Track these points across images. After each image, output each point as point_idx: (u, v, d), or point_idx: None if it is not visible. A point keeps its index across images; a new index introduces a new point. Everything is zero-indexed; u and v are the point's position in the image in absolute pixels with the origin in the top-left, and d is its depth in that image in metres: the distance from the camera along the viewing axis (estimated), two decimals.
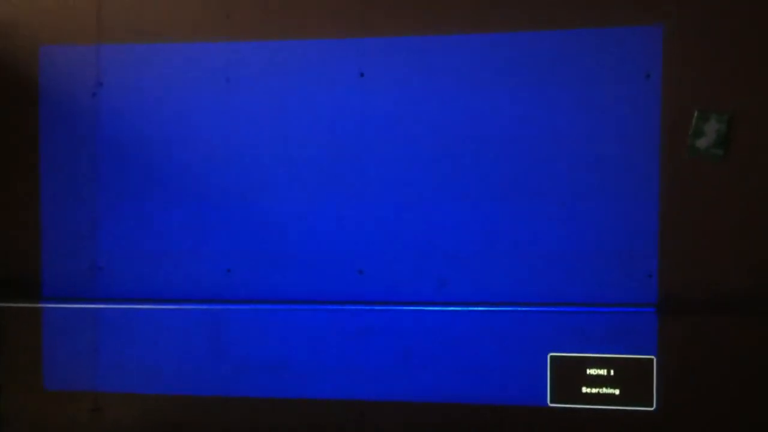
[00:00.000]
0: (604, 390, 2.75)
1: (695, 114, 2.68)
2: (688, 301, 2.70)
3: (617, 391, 2.74)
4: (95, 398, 3.04)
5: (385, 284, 2.87)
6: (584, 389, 2.77)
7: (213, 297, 2.94)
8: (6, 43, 3.04)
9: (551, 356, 2.78)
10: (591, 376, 2.76)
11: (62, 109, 3.02)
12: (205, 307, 2.93)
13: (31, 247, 3.04)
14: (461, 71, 2.81)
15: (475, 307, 2.81)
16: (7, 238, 3.06)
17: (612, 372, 2.74)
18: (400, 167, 2.85)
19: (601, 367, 2.75)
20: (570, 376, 2.77)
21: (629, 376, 2.73)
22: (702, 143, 2.67)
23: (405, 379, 2.87)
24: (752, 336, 2.68)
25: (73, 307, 3.00)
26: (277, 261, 2.92)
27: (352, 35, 2.86)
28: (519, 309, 2.78)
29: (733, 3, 2.66)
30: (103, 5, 3.00)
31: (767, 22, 2.63)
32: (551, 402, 2.79)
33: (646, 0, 2.70)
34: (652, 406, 2.73)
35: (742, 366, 2.69)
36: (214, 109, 2.94)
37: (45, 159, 3.04)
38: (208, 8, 2.93)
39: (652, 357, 2.72)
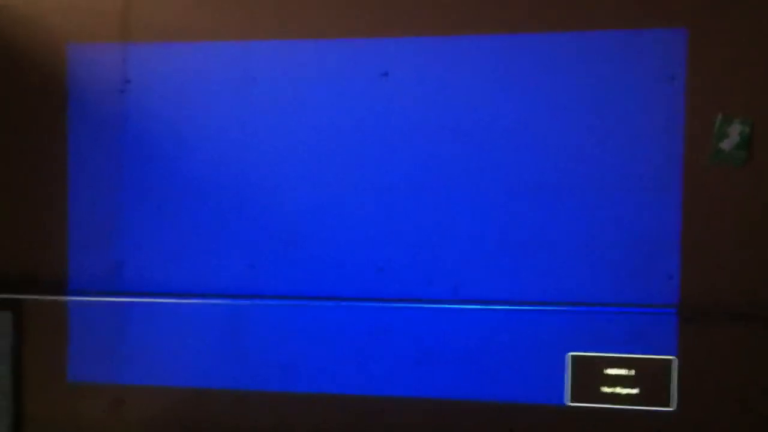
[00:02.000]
0: (624, 390, 2.77)
1: (719, 117, 2.69)
2: (708, 302, 2.71)
3: (636, 391, 2.75)
4: (119, 391, 3.08)
5: (405, 282, 2.89)
6: (603, 389, 2.78)
7: (235, 292, 2.97)
8: (34, 41, 3.08)
9: (571, 355, 2.80)
10: (610, 375, 2.77)
11: (89, 106, 3.06)
12: (227, 302, 2.96)
13: (57, 241, 3.08)
14: (484, 71, 2.83)
15: (494, 305, 2.82)
16: (34, 233, 3.10)
17: (632, 372, 2.75)
18: (422, 166, 2.87)
19: (620, 367, 2.77)
20: (589, 375, 2.78)
21: (649, 377, 2.74)
22: (725, 146, 2.68)
23: (424, 376, 2.89)
24: None
25: (98, 300, 3.03)
26: (299, 257, 2.95)
27: (376, 35, 2.89)
28: (539, 308, 2.80)
29: (758, 7, 2.66)
30: (130, 3, 3.03)
31: None
32: (570, 401, 2.80)
33: (671, 3, 2.71)
34: (671, 407, 2.74)
35: (762, 369, 2.70)
36: (238, 106, 2.97)
37: (72, 156, 3.07)
38: (234, 7, 2.96)
39: (672, 357, 2.73)
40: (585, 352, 2.79)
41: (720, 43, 2.68)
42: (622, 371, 2.76)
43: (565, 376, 2.79)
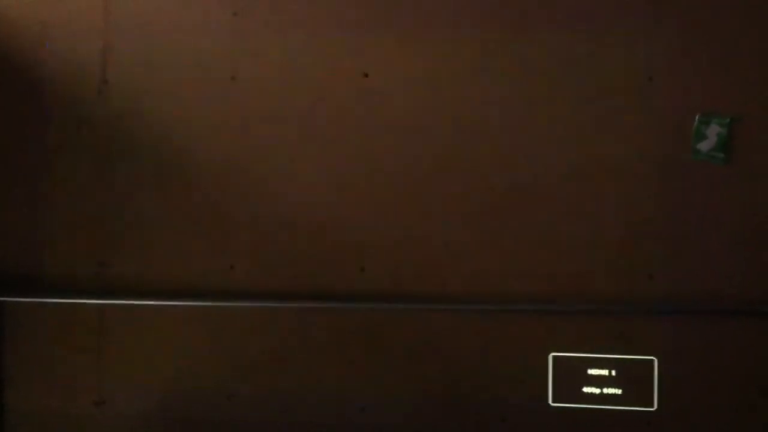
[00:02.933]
0: (606, 390, 2.77)
1: (696, 118, 2.69)
2: (688, 302, 2.72)
3: (618, 391, 2.76)
4: (99, 392, 3.06)
5: (387, 282, 2.88)
6: (586, 389, 2.78)
7: (216, 293, 2.95)
8: (12, 42, 3.06)
9: (553, 356, 2.80)
10: (592, 376, 2.78)
11: (68, 107, 3.03)
12: (208, 303, 2.94)
13: (36, 242, 3.06)
14: (464, 72, 2.82)
15: (477, 306, 2.82)
16: (14, 234, 3.07)
17: (613, 372, 2.76)
18: (403, 165, 2.86)
19: (602, 368, 2.77)
20: (572, 375, 2.79)
21: (630, 377, 2.75)
22: (703, 146, 2.69)
23: (407, 377, 2.88)
24: (752, 338, 2.70)
25: (78, 302, 3.01)
26: (279, 258, 2.93)
27: (357, 35, 2.88)
28: (522, 308, 2.80)
29: (736, 7, 2.68)
30: (109, 3, 3.01)
31: None
32: (553, 401, 2.81)
33: (649, 3, 2.72)
34: (652, 407, 2.75)
35: (742, 368, 2.71)
36: (219, 107, 2.95)
37: (50, 156, 3.05)
38: (215, 7, 2.95)
39: (653, 358, 2.74)
40: (569, 352, 2.79)
41: (698, 43, 2.70)
42: (604, 372, 2.77)
43: (548, 376, 2.80)
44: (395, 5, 2.86)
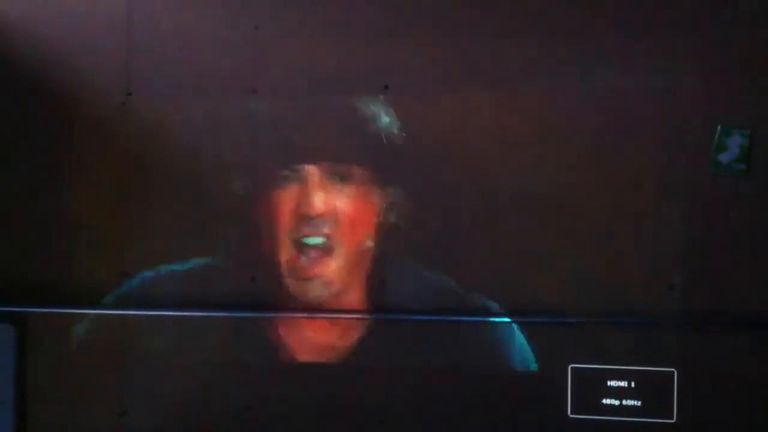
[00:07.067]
0: (625, 401, 2.77)
1: (718, 129, 2.69)
2: (709, 314, 2.71)
3: (638, 403, 2.76)
4: (123, 403, 3.08)
5: (406, 293, 2.88)
6: (605, 401, 2.78)
7: (238, 304, 2.97)
8: (34, 52, 3.09)
9: (572, 367, 2.80)
10: (612, 387, 2.77)
11: (91, 117, 3.07)
12: (230, 314, 2.96)
13: (60, 253, 3.09)
14: (484, 83, 2.83)
15: (496, 317, 2.83)
16: (37, 245, 3.11)
17: (633, 384, 2.76)
18: (424, 178, 2.87)
19: (621, 379, 2.77)
20: (591, 387, 2.78)
21: (650, 389, 2.74)
22: (724, 158, 2.69)
23: (425, 388, 2.89)
24: None
25: (101, 312, 3.03)
26: (301, 270, 2.94)
27: (378, 48, 2.89)
28: (541, 320, 2.80)
29: (756, 17, 2.67)
30: (132, 14, 3.05)
31: None
32: (572, 413, 2.80)
33: (669, 15, 2.72)
34: (672, 419, 2.74)
35: (764, 380, 2.70)
36: (240, 119, 2.98)
37: (73, 167, 3.08)
38: (237, 20, 2.98)
39: (674, 370, 2.74)
40: (588, 363, 2.79)
41: (719, 54, 2.68)
42: (623, 383, 2.76)
43: (567, 388, 2.80)
44: (416, 18, 2.87)
